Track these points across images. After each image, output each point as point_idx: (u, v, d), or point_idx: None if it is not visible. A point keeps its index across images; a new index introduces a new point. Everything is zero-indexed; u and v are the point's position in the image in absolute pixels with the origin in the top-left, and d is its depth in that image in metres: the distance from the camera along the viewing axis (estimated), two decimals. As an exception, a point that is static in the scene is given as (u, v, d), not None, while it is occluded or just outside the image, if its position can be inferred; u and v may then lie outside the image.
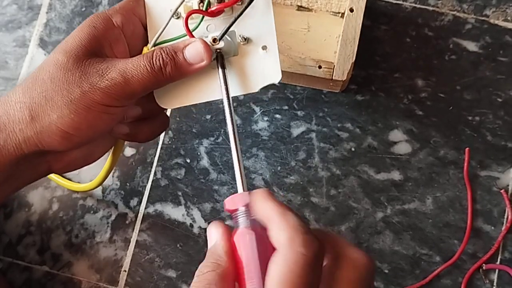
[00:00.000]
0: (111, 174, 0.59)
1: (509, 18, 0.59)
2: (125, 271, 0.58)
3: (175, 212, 0.59)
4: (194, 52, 0.38)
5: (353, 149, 0.57)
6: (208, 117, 0.60)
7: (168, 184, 0.59)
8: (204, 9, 0.39)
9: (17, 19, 0.66)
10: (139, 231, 0.59)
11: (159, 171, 0.60)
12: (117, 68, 0.37)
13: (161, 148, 0.60)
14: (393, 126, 0.58)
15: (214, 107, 0.60)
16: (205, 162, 0.59)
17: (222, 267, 0.31)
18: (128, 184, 0.60)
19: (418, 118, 0.57)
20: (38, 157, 0.39)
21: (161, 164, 0.60)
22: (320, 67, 0.52)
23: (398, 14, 0.60)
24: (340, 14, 0.54)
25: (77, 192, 0.60)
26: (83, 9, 0.65)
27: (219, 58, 0.39)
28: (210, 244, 0.33)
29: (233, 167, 0.57)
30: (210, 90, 0.40)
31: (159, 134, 0.46)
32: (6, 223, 0.61)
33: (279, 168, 0.58)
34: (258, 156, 0.58)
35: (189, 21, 0.39)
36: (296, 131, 0.58)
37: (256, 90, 0.39)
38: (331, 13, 0.55)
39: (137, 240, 0.59)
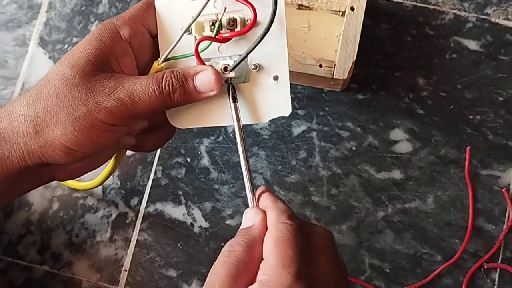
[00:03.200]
0: (111, 173, 0.59)
1: (510, 16, 0.58)
2: (125, 270, 0.58)
3: (176, 212, 0.59)
4: (204, 81, 0.37)
5: (354, 148, 0.57)
6: (209, 116, 0.60)
7: (168, 183, 0.59)
8: (214, 34, 0.37)
9: (17, 18, 0.66)
10: (139, 230, 0.59)
11: (159, 170, 0.60)
12: (125, 88, 0.36)
13: (162, 147, 0.60)
14: (394, 125, 0.57)
15: (214, 106, 0.60)
16: (205, 161, 0.59)
17: (253, 249, 0.33)
18: (128, 183, 0.60)
19: (419, 117, 0.57)
20: (42, 168, 0.39)
21: (161, 163, 0.60)
22: (320, 66, 0.52)
23: (399, 12, 0.60)
24: (340, 13, 0.54)
25: (77, 190, 0.60)
26: (83, 8, 0.65)
27: (231, 90, 0.39)
28: (245, 225, 0.36)
29: (233, 167, 0.58)
30: (222, 115, 0.39)
31: (165, 143, 0.46)
32: (6, 222, 0.60)
33: (280, 167, 0.58)
34: (259, 155, 0.58)
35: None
36: (297, 130, 0.58)
37: (265, 121, 0.40)
38: (331, 11, 0.55)
39: (137, 240, 0.58)
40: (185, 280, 0.57)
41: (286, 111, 0.39)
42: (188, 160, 0.59)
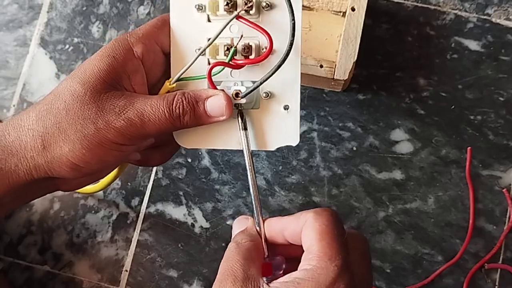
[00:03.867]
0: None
1: (511, 17, 0.58)
2: (126, 270, 0.58)
3: (176, 212, 0.59)
4: (216, 105, 0.37)
5: (354, 149, 0.57)
6: (209, 116, 0.60)
7: (169, 184, 0.59)
8: (228, 59, 0.37)
9: (18, 18, 0.66)
10: (140, 230, 0.59)
11: (160, 171, 0.60)
12: (135, 108, 0.36)
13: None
14: (395, 125, 0.57)
15: (215, 106, 0.60)
16: (206, 161, 0.59)
17: (258, 241, 0.36)
18: (129, 183, 0.60)
19: (420, 117, 0.57)
20: (47, 181, 0.39)
21: (162, 164, 0.60)
22: (321, 66, 0.52)
23: (400, 13, 0.60)
24: (341, 13, 0.54)
25: (78, 192, 0.60)
26: (84, 8, 0.65)
27: (241, 117, 0.38)
28: (238, 230, 0.38)
29: (234, 167, 0.57)
30: (229, 139, 0.39)
31: (170, 158, 0.46)
32: (7, 222, 0.60)
33: (280, 167, 0.58)
34: (260, 155, 0.58)
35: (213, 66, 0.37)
36: (297, 131, 0.58)
37: (273, 149, 0.39)
38: (332, 12, 0.55)
39: (138, 240, 0.58)
40: (186, 280, 0.57)
41: (294, 141, 0.39)
42: (189, 160, 0.59)
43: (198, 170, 0.59)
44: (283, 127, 0.39)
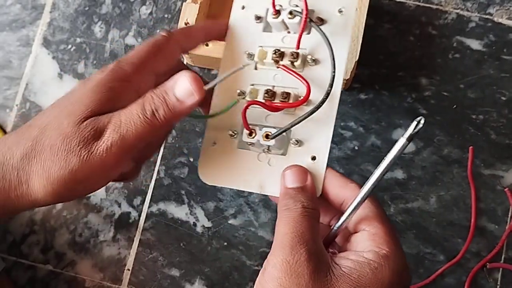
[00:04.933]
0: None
1: (513, 16, 0.58)
2: (128, 269, 0.58)
3: (179, 211, 0.59)
4: (183, 87, 0.35)
5: (356, 148, 0.57)
6: (211, 116, 0.60)
7: (171, 183, 0.59)
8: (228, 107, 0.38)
9: (21, 18, 0.66)
10: (142, 230, 0.59)
11: (162, 170, 0.60)
12: (112, 123, 0.34)
13: (165, 147, 0.60)
14: (397, 124, 0.57)
15: (217, 106, 0.60)
16: (208, 161, 0.59)
17: (318, 210, 0.35)
18: (131, 183, 0.60)
19: (422, 117, 0.57)
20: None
21: (164, 163, 0.60)
22: (323, 65, 0.52)
23: (402, 12, 0.60)
24: (343, 13, 0.54)
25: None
26: (87, 8, 0.65)
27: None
28: (293, 182, 0.36)
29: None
30: (253, 181, 0.38)
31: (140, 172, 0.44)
32: (10, 222, 0.61)
33: (282, 167, 0.58)
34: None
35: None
36: (299, 130, 0.58)
37: None
38: (334, 11, 0.55)
39: (140, 239, 0.59)
40: (188, 279, 0.57)
41: (317, 193, 0.37)
42: (191, 160, 0.59)
43: (200, 169, 0.59)
44: None
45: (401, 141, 0.33)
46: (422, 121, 0.32)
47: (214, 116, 0.39)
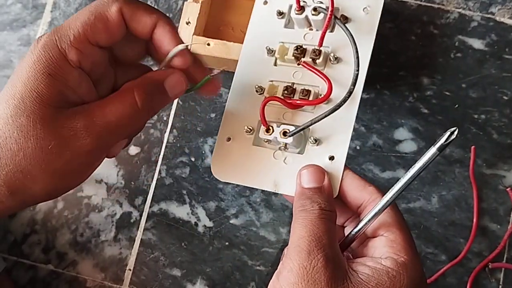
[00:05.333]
0: (115, 172, 0.59)
1: (515, 15, 0.58)
2: (130, 269, 0.58)
3: (180, 211, 0.59)
4: (175, 85, 0.35)
5: (358, 148, 0.57)
6: (213, 115, 0.60)
7: (172, 183, 0.59)
8: (195, 87, 0.37)
9: (22, 18, 0.66)
10: (143, 229, 0.59)
11: (163, 170, 0.60)
12: (97, 125, 0.32)
13: (166, 146, 0.60)
14: (398, 124, 0.57)
15: (218, 105, 0.60)
16: (209, 160, 0.59)
17: (335, 212, 0.34)
18: (132, 182, 0.60)
19: (424, 116, 0.57)
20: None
21: (165, 163, 0.60)
22: (325, 65, 0.52)
23: (403, 11, 0.59)
24: (345, 12, 0.54)
25: (82, 190, 0.60)
26: (88, 7, 0.65)
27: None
28: (310, 182, 0.35)
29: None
30: (267, 179, 0.38)
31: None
32: (11, 222, 0.61)
33: (284, 166, 0.58)
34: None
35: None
36: (301, 130, 0.58)
37: None
38: (336, 11, 0.55)
39: (141, 239, 0.59)
40: (189, 279, 0.57)
41: (333, 193, 0.36)
42: (192, 159, 0.59)
43: (201, 169, 0.59)
44: None
45: (431, 151, 0.33)
46: (456, 132, 0.31)
47: (187, 92, 0.38)
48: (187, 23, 0.55)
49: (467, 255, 0.54)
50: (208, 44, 0.54)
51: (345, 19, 0.39)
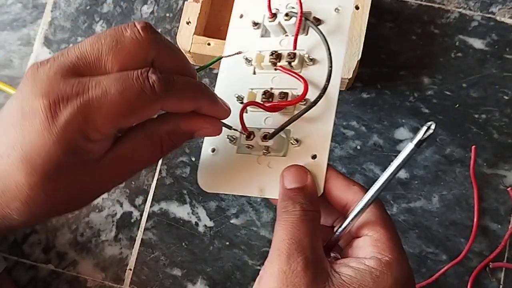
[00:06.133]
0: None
1: (515, 15, 0.58)
2: (130, 269, 0.58)
3: (180, 211, 0.59)
4: (210, 134, 0.35)
5: (358, 147, 0.57)
6: (213, 115, 0.60)
7: (173, 183, 0.59)
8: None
9: (22, 17, 0.66)
10: (144, 229, 0.59)
11: (164, 170, 0.60)
12: (122, 173, 0.32)
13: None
14: (399, 124, 0.57)
15: (219, 105, 0.60)
16: (210, 160, 0.59)
17: (319, 212, 0.34)
18: (133, 182, 0.60)
19: (424, 116, 0.57)
20: None
21: (166, 163, 0.60)
22: (325, 65, 0.52)
23: (404, 11, 0.59)
24: (345, 12, 0.54)
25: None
26: (88, 7, 0.65)
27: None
28: (292, 183, 0.35)
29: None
30: (252, 186, 0.38)
31: None
32: (12, 221, 0.61)
33: (284, 166, 0.58)
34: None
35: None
36: (301, 129, 0.58)
37: None
38: (336, 10, 0.55)
39: (142, 239, 0.59)
40: (190, 279, 0.57)
41: (318, 192, 0.36)
42: (193, 159, 0.59)
43: (202, 169, 0.59)
44: None
45: (409, 147, 0.32)
46: (433, 127, 0.31)
47: (199, 70, 0.38)
48: (188, 22, 0.55)
49: (468, 254, 0.54)
50: (209, 44, 0.54)
51: (317, 21, 0.39)
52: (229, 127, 0.37)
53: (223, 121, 0.35)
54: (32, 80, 0.28)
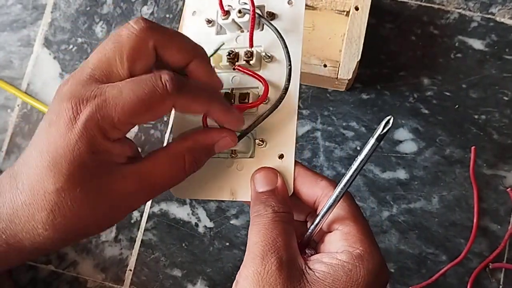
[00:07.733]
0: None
1: (515, 16, 0.58)
2: (130, 270, 0.58)
3: (180, 212, 0.59)
4: (224, 146, 0.35)
5: (358, 148, 0.57)
6: (213, 116, 0.60)
7: (173, 183, 0.59)
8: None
9: (22, 18, 0.66)
10: (144, 230, 0.59)
11: (164, 170, 0.60)
12: (148, 185, 0.33)
13: (166, 147, 0.60)
14: (399, 124, 0.57)
15: (219, 106, 0.60)
16: (210, 161, 0.59)
17: (291, 212, 0.34)
18: (133, 183, 0.60)
19: (424, 117, 0.57)
20: None
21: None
22: (325, 65, 0.52)
23: (404, 12, 0.59)
24: (345, 13, 0.54)
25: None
26: (88, 8, 0.65)
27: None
28: (264, 186, 0.35)
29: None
30: (223, 190, 0.38)
31: None
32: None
33: (284, 167, 0.58)
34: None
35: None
36: (301, 130, 0.58)
37: None
38: (336, 11, 0.55)
39: (142, 239, 0.59)
40: (190, 280, 0.57)
41: (289, 191, 0.36)
42: (193, 160, 0.59)
43: (201, 169, 0.59)
44: None
45: (371, 142, 0.33)
46: (391, 121, 0.32)
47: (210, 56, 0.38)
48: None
49: (468, 255, 0.54)
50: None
51: (271, 16, 0.39)
52: None
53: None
54: (57, 96, 0.31)
